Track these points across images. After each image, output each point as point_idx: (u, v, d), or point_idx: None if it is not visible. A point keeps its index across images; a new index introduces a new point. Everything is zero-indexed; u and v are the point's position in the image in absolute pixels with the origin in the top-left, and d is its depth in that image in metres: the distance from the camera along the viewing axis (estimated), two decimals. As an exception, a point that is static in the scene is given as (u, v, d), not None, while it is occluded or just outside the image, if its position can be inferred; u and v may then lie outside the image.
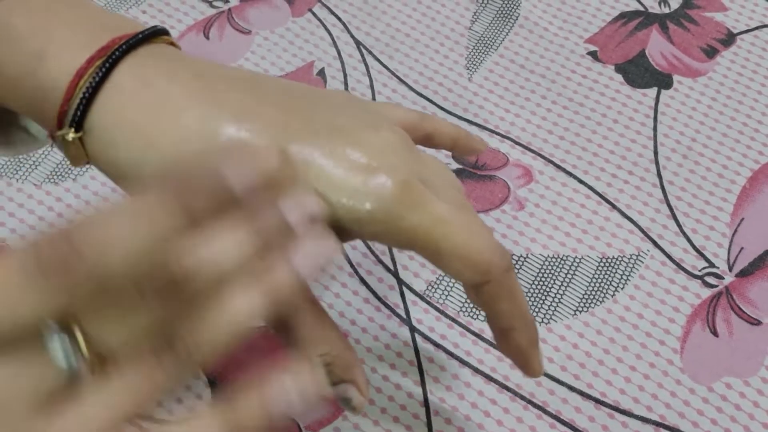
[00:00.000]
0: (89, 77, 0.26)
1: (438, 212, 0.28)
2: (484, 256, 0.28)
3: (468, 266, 0.28)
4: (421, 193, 0.27)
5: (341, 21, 0.52)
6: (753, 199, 0.45)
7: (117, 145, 0.27)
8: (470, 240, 0.28)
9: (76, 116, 0.27)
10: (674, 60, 0.50)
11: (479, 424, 0.39)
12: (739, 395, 0.40)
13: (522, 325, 0.30)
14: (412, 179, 0.27)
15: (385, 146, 0.28)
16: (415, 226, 0.27)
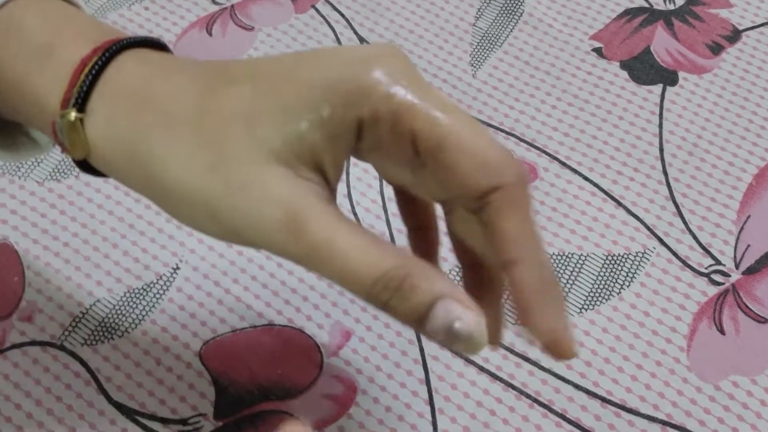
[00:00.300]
0: (93, 64, 0.27)
1: (441, 97, 0.25)
2: (495, 154, 0.24)
3: (477, 164, 0.24)
4: (420, 77, 0.25)
5: (344, 17, 0.52)
6: (759, 197, 0.45)
7: (115, 117, 0.27)
8: (479, 135, 0.24)
9: (79, 97, 0.27)
10: (679, 57, 0.50)
11: (485, 423, 0.39)
12: (747, 394, 0.40)
13: (532, 258, 0.25)
14: (412, 69, 0.25)
15: (376, 46, 0.26)
16: (416, 104, 0.24)
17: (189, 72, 0.27)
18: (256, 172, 0.24)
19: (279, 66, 0.26)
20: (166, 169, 0.26)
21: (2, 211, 0.45)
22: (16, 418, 0.39)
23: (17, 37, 0.28)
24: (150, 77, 0.27)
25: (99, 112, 0.27)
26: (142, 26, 0.51)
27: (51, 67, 0.27)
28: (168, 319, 0.42)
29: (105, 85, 0.27)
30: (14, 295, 0.42)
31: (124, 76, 0.27)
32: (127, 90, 0.27)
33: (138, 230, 0.44)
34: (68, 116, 0.27)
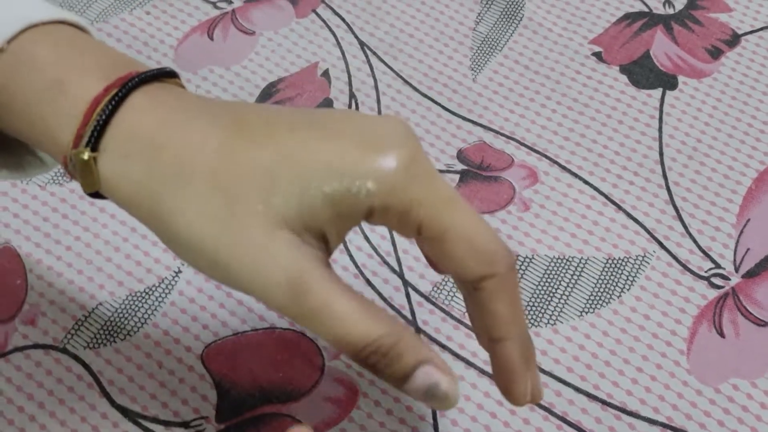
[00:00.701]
0: (106, 103, 0.27)
1: (446, 190, 0.27)
2: (491, 243, 0.27)
3: (474, 253, 0.27)
4: (428, 168, 0.27)
5: (345, 21, 0.52)
6: (759, 200, 0.45)
7: (129, 156, 0.27)
8: (478, 225, 0.27)
9: (93, 136, 0.27)
10: (679, 61, 0.50)
11: (485, 426, 0.39)
12: (747, 396, 0.40)
13: (517, 335, 0.29)
14: (418, 153, 0.27)
15: (393, 128, 0.28)
16: (421, 198, 0.26)
17: (206, 118, 0.28)
18: (265, 235, 0.26)
19: (300, 134, 0.27)
20: (176, 218, 0.27)
21: (4, 215, 0.45)
22: (18, 421, 0.39)
23: (29, 71, 0.28)
24: (165, 120, 0.28)
25: (113, 152, 0.27)
26: (143, 30, 0.52)
27: (63, 103, 0.28)
28: (170, 322, 0.42)
29: (119, 125, 0.27)
30: (17, 298, 0.43)
31: (138, 116, 0.28)
32: (142, 133, 0.27)
33: (140, 234, 0.44)
34: (81, 155, 0.27)
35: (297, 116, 0.28)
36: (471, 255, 0.27)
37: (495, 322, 0.28)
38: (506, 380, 0.30)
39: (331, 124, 0.28)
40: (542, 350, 0.41)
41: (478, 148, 0.47)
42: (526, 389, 0.30)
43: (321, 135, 0.27)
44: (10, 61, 0.29)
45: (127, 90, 0.28)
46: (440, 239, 0.27)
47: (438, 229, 0.27)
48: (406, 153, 0.27)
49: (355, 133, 0.27)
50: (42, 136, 0.29)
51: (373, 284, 0.43)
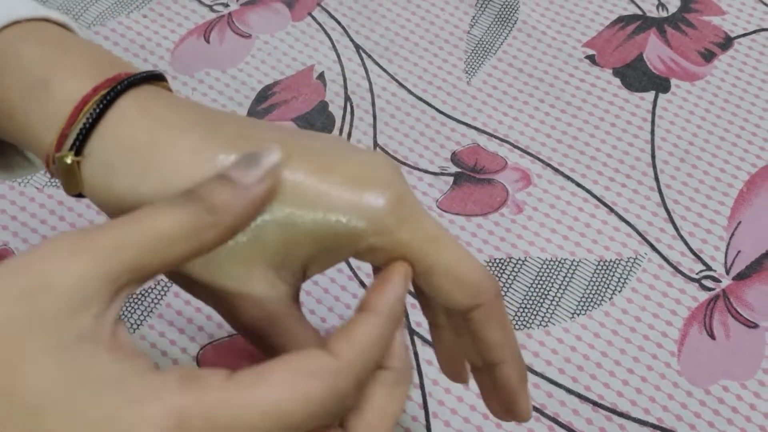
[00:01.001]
0: (94, 104, 0.27)
1: (431, 229, 0.28)
2: (476, 276, 0.28)
3: (460, 286, 0.28)
4: (414, 209, 0.27)
5: (341, 25, 0.53)
6: (750, 203, 0.46)
7: (115, 168, 0.27)
8: (463, 260, 0.28)
9: (77, 140, 0.27)
10: (672, 64, 0.51)
11: (478, 427, 0.40)
12: (736, 398, 0.40)
13: (512, 357, 0.30)
14: (405, 193, 0.27)
15: (378, 165, 0.28)
16: (408, 240, 0.27)
17: (198, 133, 0.27)
18: (244, 270, 0.27)
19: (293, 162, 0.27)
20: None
21: (2, 217, 0.45)
22: (15, 422, 0.40)
23: (14, 68, 0.28)
24: (154, 133, 0.27)
25: (97, 159, 0.27)
26: (140, 33, 0.52)
27: (48, 103, 0.27)
28: (165, 323, 0.42)
29: (105, 130, 0.27)
30: (14, 300, 0.43)
31: (126, 125, 0.27)
32: (130, 143, 0.27)
33: (136, 236, 0.45)
34: (65, 159, 0.27)
35: (292, 141, 0.28)
36: (457, 288, 0.28)
37: (490, 348, 0.29)
38: (508, 400, 0.31)
39: (321, 157, 0.28)
40: (534, 352, 0.42)
41: (472, 151, 0.48)
42: (529, 405, 0.31)
43: (313, 168, 0.27)
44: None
45: (116, 93, 0.27)
46: (427, 276, 0.28)
47: (424, 267, 0.27)
48: (393, 194, 0.27)
49: (344, 167, 0.27)
50: (25, 134, 0.28)
51: (367, 286, 0.43)
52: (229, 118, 0.29)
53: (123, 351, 0.22)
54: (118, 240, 0.23)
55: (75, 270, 0.22)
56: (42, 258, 0.22)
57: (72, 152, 0.27)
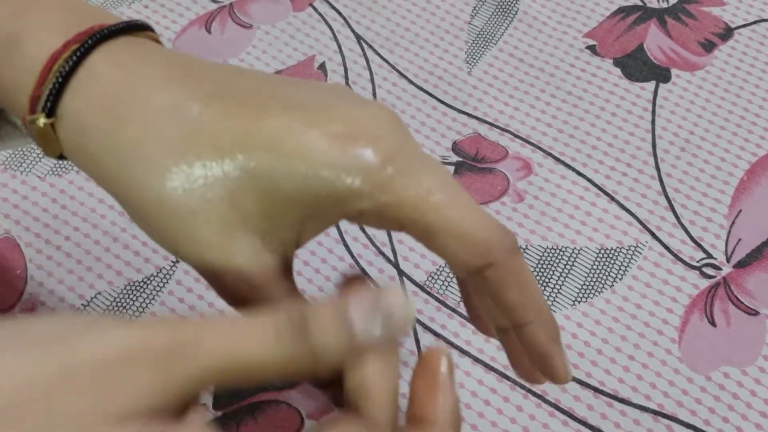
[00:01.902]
0: (63, 61, 0.25)
1: (428, 184, 0.24)
2: (482, 232, 0.25)
3: (465, 245, 0.24)
4: (408, 162, 0.24)
5: (342, 15, 0.53)
6: (750, 192, 0.46)
7: (87, 129, 0.25)
8: (467, 216, 0.25)
9: (48, 101, 0.25)
10: (672, 54, 0.51)
11: (479, 413, 0.40)
12: (737, 384, 0.40)
13: (538, 317, 0.26)
14: (396, 149, 0.25)
15: (371, 118, 0.25)
16: (400, 200, 0.24)
17: (174, 87, 0.25)
18: (223, 239, 0.25)
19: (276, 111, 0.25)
20: (135, 199, 0.25)
21: (4, 206, 0.45)
22: (18, 409, 0.40)
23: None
24: (128, 88, 0.25)
25: (70, 119, 0.25)
26: (142, 24, 0.52)
27: (19, 60, 0.25)
28: (168, 311, 0.42)
29: (76, 90, 0.25)
30: (17, 287, 0.43)
31: (98, 84, 0.25)
32: (102, 102, 0.25)
33: (138, 224, 0.45)
34: (37, 122, 0.25)
35: (276, 92, 0.25)
36: (462, 248, 0.25)
37: (511, 309, 0.26)
38: (542, 363, 0.27)
39: (308, 110, 0.25)
40: (535, 339, 0.42)
41: (473, 140, 0.48)
42: (566, 365, 0.28)
43: (294, 124, 0.24)
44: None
45: (88, 47, 0.25)
46: (426, 235, 0.25)
47: (421, 227, 0.25)
48: (385, 147, 0.24)
49: (333, 124, 0.25)
50: (4, 96, 0.26)
51: (369, 274, 0.44)
52: (210, 68, 0.26)
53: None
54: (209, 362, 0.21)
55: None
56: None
57: (44, 114, 0.25)
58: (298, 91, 0.26)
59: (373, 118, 0.25)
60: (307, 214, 0.25)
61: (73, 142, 0.26)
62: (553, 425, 0.39)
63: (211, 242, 0.24)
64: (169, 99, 0.25)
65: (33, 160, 0.47)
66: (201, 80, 0.26)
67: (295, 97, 0.25)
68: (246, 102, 0.25)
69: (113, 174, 0.25)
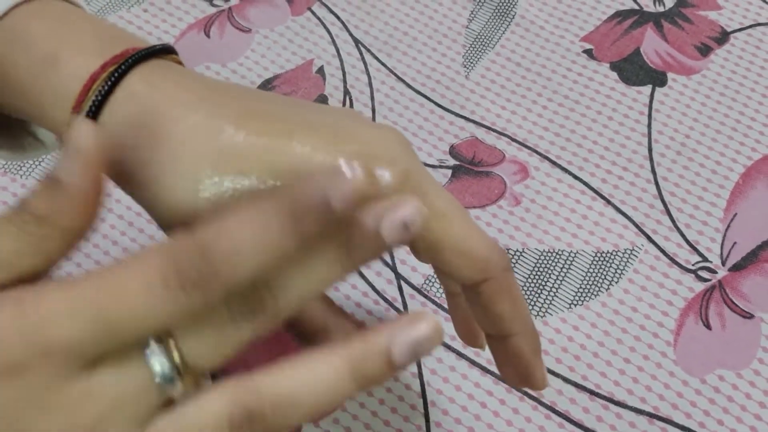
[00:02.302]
0: (102, 81, 0.27)
1: (438, 205, 0.28)
2: (483, 251, 0.28)
3: (467, 261, 0.28)
4: (421, 184, 0.28)
5: (340, 19, 0.53)
6: (746, 195, 0.46)
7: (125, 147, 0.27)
8: (470, 235, 0.28)
9: (88, 117, 0.27)
10: (669, 58, 0.51)
11: (476, 415, 0.40)
12: (732, 387, 0.41)
13: (523, 329, 0.30)
14: (410, 170, 0.27)
15: (385, 140, 0.28)
16: None
17: (207, 108, 0.27)
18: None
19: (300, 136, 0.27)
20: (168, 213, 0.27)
21: (4, 210, 0.46)
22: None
23: (24, 46, 0.28)
24: (162, 109, 0.27)
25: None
26: (141, 28, 0.52)
27: (57, 80, 0.28)
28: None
29: (114, 109, 0.27)
30: (16, 291, 0.43)
31: (134, 104, 0.27)
32: (138, 120, 0.27)
33: (137, 228, 0.45)
34: None
35: (296, 117, 0.28)
36: (465, 264, 0.28)
37: (500, 321, 0.29)
38: (524, 372, 0.31)
39: (327, 133, 0.28)
40: (532, 342, 0.42)
41: (470, 144, 0.48)
42: (544, 374, 0.31)
43: (319, 144, 0.27)
44: (4, 37, 0.28)
45: (124, 69, 0.27)
46: (432, 251, 0.28)
47: (430, 243, 0.27)
48: (399, 170, 0.27)
49: (351, 145, 0.27)
50: (38, 112, 0.28)
51: (366, 277, 0.44)
52: (238, 91, 0.29)
53: None
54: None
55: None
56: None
57: None
58: (317, 115, 0.29)
59: (385, 140, 0.28)
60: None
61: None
62: (549, 428, 0.40)
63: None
64: (203, 118, 0.27)
65: (33, 164, 0.47)
66: (230, 102, 0.28)
67: (315, 119, 0.28)
68: (274, 123, 0.27)
69: (149, 186, 0.27)
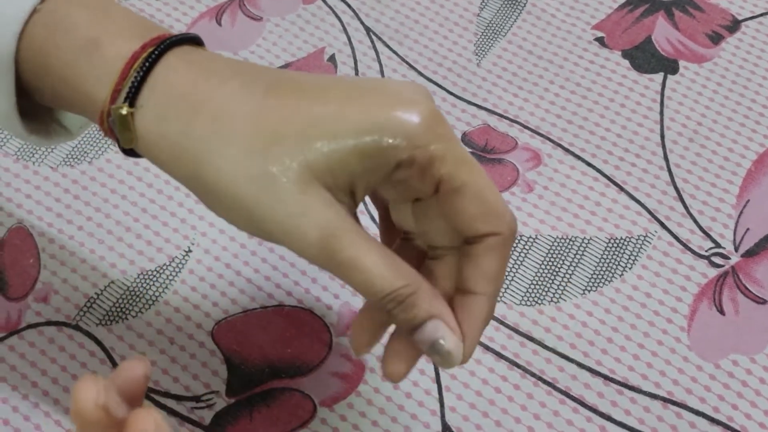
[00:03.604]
0: (143, 60, 0.29)
1: (464, 151, 0.29)
2: (501, 205, 0.29)
3: (485, 210, 0.28)
4: (449, 129, 0.29)
5: (351, 7, 0.53)
6: (758, 182, 0.46)
7: (166, 116, 0.29)
8: (491, 187, 0.29)
9: (131, 92, 0.29)
10: (680, 46, 0.51)
11: (490, 400, 0.40)
12: (746, 372, 0.41)
13: (492, 296, 0.30)
14: (438, 114, 0.29)
15: (411, 88, 0.29)
16: (443, 154, 0.28)
17: (238, 81, 0.29)
18: (299, 192, 0.28)
19: (329, 97, 0.29)
20: (214, 174, 0.28)
21: (18, 196, 0.46)
22: (32, 396, 0.40)
23: (64, 31, 0.29)
24: (201, 80, 0.29)
25: (149, 109, 0.29)
26: (152, 16, 0.52)
27: (99, 61, 0.29)
28: (181, 300, 0.43)
29: (155, 82, 0.29)
30: (30, 276, 0.43)
31: (174, 76, 0.29)
32: (179, 91, 0.29)
33: (150, 215, 0.45)
34: (120, 110, 0.29)
35: (325, 81, 0.29)
36: (482, 212, 0.29)
37: (480, 278, 0.30)
38: (466, 332, 0.30)
39: (357, 87, 0.29)
40: (545, 327, 0.42)
41: (483, 131, 0.48)
42: (472, 349, 0.30)
43: (348, 96, 0.28)
44: (44, 21, 0.30)
45: (163, 49, 0.29)
46: (456, 194, 0.28)
47: (456, 184, 0.28)
48: (429, 111, 0.28)
49: (380, 94, 0.29)
50: (78, 93, 0.30)
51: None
52: (266, 68, 0.30)
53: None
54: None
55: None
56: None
57: (126, 104, 0.29)
58: (345, 80, 0.30)
59: (415, 89, 0.29)
60: (363, 168, 0.28)
61: (151, 130, 0.29)
62: (563, 412, 0.40)
63: (290, 200, 0.28)
64: (237, 87, 0.29)
65: (45, 151, 0.47)
66: (262, 73, 0.30)
67: (344, 82, 0.29)
68: (303, 89, 0.29)
69: (188, 152, 0.28)
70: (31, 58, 0.30)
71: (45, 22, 0.30)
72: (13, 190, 0.46)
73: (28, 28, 0.30)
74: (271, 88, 0.29)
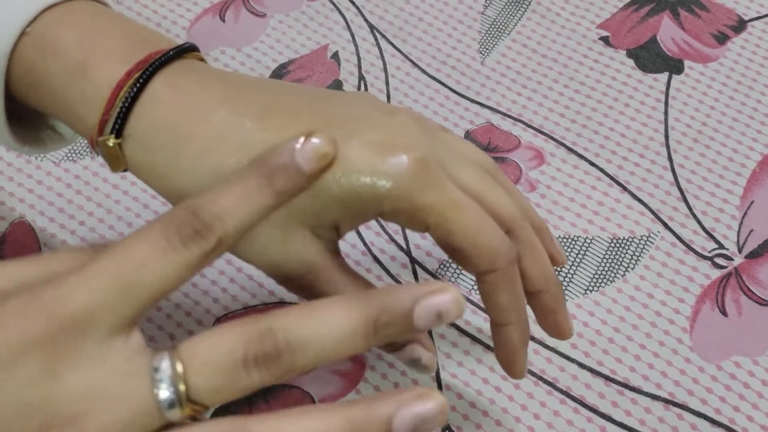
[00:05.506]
0: (128, 89, 0.29)
1: (452, 195, 0.29)
2: (493, 243, 0.29)
3: (477, 252, 0.29)
4: (437, 174, 0.29)
5: (355, 5, 0.53)
6: (763, 183, 0.46)
7: (153, 148, 0.29)
8: (482, 226, 0.29)
9: (116, 124, 0.29)
10: (685, 46, 0.51)
11: (490, 399, 0.40)
12: (748, 374, 0.40)
13: (517, 321, 0.32)
14: (428, 158, 0.28)
15: (402, 127, 0.29)
16: (430, 204, 0.28)
17: (230, 105, 0.29)
18: (282, 240, 0.29)
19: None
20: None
21: (19, 190, 0.46)
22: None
23: (54, 53, 0.29)
24: (187, 111, 0.29)
25: (137, 140, 0.29)
26: (156, 12, 0.52)
27: (88, 85, 0.29)
28: (181, 296, 0.43)
29: (142, 113, 0.29)
30: (31, 271, 0.43)
31: (160, 108, 0.29)
32: (164, 123, 0.29)
33: (152, 210, 0.45)
34: (107, 142, 0.29)
35: (320, 110, 0.29)
36: (474, 254, 0.29)
37: (498, 310, 0.31)
38: (507, 359, 0.33)
39: (348, 123, 0.29)
40: (547, 327, 0.42)
41: (486, 130, 0.48)
42: (523, 367, 0.34)
43: (344, 133, 0.28)
44: (34, 44, 0.29)
45: (148, 75, 0.29)
46: (447, 239, 0.29)
47: (444, 231, 0.29)
48: (417, 158, 0.28)
49: (369, 134, 0.29)
50: (71, 116, 0.30)
51: (381, 262, 0.44)
52: (260, 86, 0.30)
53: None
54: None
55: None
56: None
57: (113, 135, 0.29)
58: (337, 106, 0.30)
59: (403, 126, 0.29)
60: (348, 211, 0.29)
61: (139, 160, 0.29)
62: (564, 413, 0.40)
63: (272, 237, 0.29)
64: (225, 117, 0.29)
65: (48, 146, 0.47)
66: (252, 99, 0.29)
67: (334, 111, 0.30)
68: (295, 119, 0.29)
69: (177, 185, 0.29)
70: (22, 76, 0.30)
71: (34, 45, 0.30)
72: (15, 184, 0.46)
73: (18, 50, 0.30)
74: (262, 116, 0.29)
